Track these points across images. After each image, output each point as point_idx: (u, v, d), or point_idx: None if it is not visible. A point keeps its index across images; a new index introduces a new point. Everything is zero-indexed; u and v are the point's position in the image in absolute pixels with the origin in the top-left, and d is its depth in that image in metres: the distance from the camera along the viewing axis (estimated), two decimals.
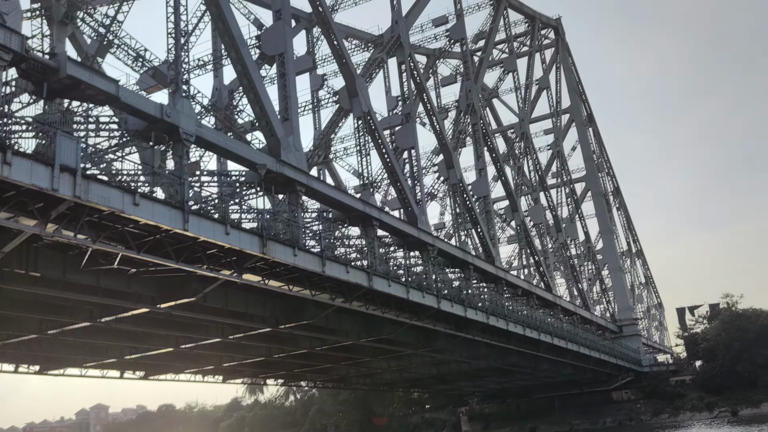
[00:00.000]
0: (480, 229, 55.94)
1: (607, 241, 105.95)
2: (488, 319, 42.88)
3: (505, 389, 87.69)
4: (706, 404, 75.64)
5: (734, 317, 79.01)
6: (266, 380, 54.74)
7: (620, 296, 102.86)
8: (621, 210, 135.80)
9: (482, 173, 61.44)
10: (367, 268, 30.47)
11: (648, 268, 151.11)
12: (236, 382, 51.03)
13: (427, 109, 53.42)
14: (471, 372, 62.54)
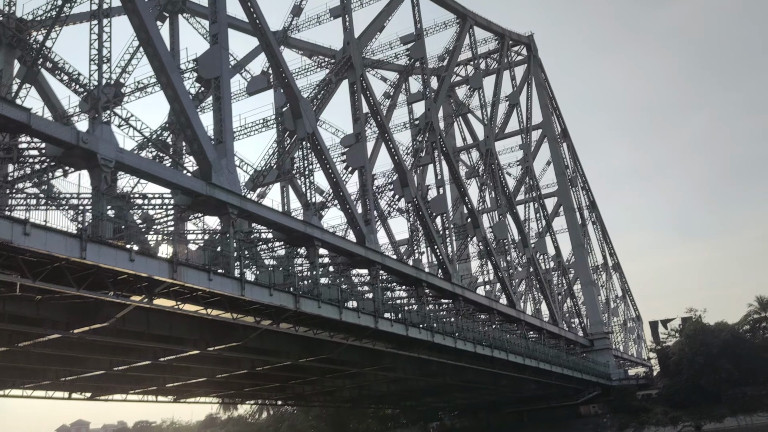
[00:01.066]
0: (437, 247, 56.50)
1: (579, 256, 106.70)
2: (433, 337, 43.21)
3: (475, 404, 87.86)
4: (671, 419, 76.03)
5: (698, 331, 79.68)
6: (225, 399, 54.50)
7: (591, 310, 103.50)
8: (597, 224, 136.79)
9: (441, 191, 62.04)
10: (295, 290, 30.78)
11: (625, 281, 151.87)
12: (190, 401, 50.97)
13: (381, 128, 54.05)
14: (429, 389, 62.77)
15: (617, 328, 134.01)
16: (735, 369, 75.10)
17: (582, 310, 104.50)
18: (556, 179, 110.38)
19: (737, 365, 75.22)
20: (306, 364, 38.92)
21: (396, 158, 54.02)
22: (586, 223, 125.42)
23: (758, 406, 73.72)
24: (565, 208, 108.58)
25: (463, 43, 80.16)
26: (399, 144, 63.95)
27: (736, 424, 72.39)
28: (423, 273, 51.88)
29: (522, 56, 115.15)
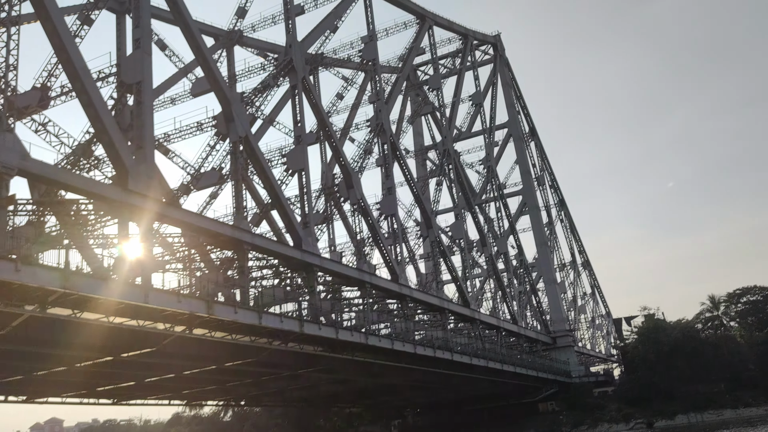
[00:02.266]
0: (383, 248, 56.84)
1: (543, 254, 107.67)
2: (367, 339, 43.63)
3: (436, 402, 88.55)
4: (624, 416, 77.08)
5: (651, 329, 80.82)
6: (165, 399, 54.41)
7: (554, 308, 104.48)
8: (565, 222, 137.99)
9: (390, 192, 62.36)
10: (207, 296, 31.02)
11: (595, 278, 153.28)
12: (135, 402, 51.00)
13: (325, 130, 54.29)
14: (381, 388, 63.21)
15: (584, 325, 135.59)
16: (687, 367, 76.33)
17: (545, 308, 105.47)
18: (521, 178, 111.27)
19: (689, 363, 76.41)
20: (234, 368, 39.11)
21: (341, 160, 54.30)
22: (553, 222, 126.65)
23: (709, 404, 74.92)
24: (530, 206, 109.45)
25: (420, 44, 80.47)
26: (359, 145, 64.44)
27: (687, 421, 73.49)
28: (366, 274, 52.11)
29: (489, 56, 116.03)
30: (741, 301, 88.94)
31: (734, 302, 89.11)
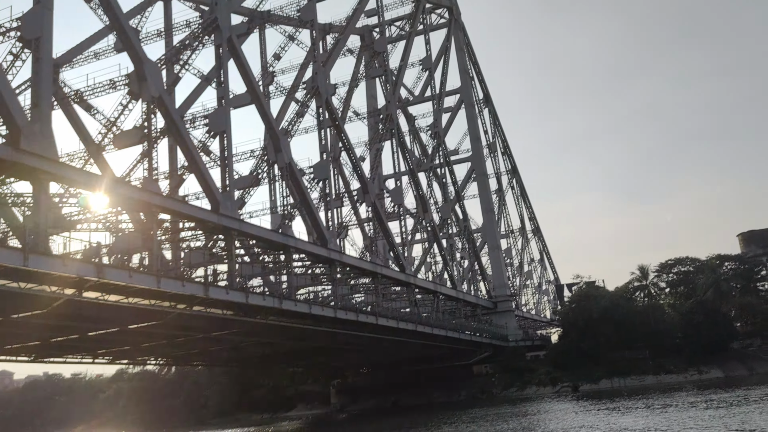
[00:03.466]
0: (312, 213, 56.87)
1: (488, 221, 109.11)
2: (281, 304, 44.05)
3: (375, 363, 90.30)
4: (551, 379, 79.85)
5: (582, 297, 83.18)
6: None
7: (497, 274, 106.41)
8: (517, 189, 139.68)
9: (325, 156, 62.11)
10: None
11: (545, 244, 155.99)
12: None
13: (254, 93, 53.48)
14: (308, 351, 64.11)
15: (530, 290, 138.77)
16: (614, 333, 79.01)
17: (488, 274, 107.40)
18: (471, 145, 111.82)
19: (616, 330, 79.08)
20: (144, 330, 39.21)
21: (268, 123, 53.76)
22: (504, 189, 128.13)
23: (632, 369, 78.01)
24: (478, 173, 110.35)
25: (366, 5, 79.19)
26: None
27: (610, 386, 76.34)
28: (291, 239, 52.23)
29: (445, 19, 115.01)
30: (673, 271, 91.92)
31: (666, 272, 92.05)
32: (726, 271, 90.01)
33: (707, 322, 76.13)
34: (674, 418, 33.45)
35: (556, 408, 53.70)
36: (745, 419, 28.64)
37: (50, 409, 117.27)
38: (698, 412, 35.51)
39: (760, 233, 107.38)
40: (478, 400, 79.68)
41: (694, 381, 73.21)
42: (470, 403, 76.45)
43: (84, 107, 50.59)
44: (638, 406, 45.01)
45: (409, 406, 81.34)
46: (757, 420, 28.06)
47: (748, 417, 29.45)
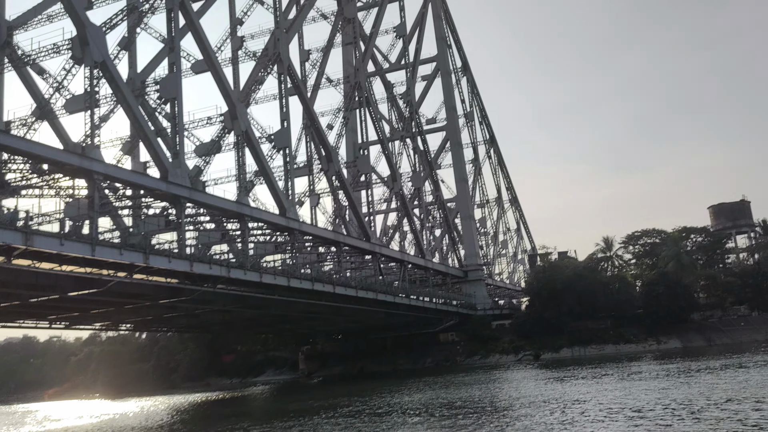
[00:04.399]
0: (272, 181, 56.63)
1: (461, 190, 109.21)
2: (229, 272, 44.14)
3: (344, 330, 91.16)
4: (514, 347, 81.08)
5: (548, 267, 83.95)
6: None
7: (468, 243, 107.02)
8: (494, 159, 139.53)
9: (285, 124, 61.63)
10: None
11: (522, 214, 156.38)
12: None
13: (208, 59, 52.69)
14: (265, 319, 64.47)
15: (505, 260, 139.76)
16: (577, 304, 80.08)
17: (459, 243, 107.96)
18: (446, 114, 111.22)
19: (579, 300, 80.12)
20: (86, 297, 39.18)
21: (224, 89, 53.10)
22: (479, 159, 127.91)
23: (593, 339, 79.31)
24: (452, 143, 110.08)
25: None
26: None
27: (570, 354, 77.69)
28: (246, 207, 52.10)
29: None
30: (639, 242, 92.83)
31: (633, 243, 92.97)
32: (692, 244, 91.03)
33: (668, 293, 77.17)
34: (609, 387, 34.06)
35: (509, 377, 54.49)
36: (666, 393, 29.27)
37: (25, 372, 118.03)
38: (631, 383, 36.16)
39: (729, 206, 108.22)
40: (442, 368, 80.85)
41: (652, 351, 74.58)
42: (434, 371, 77.61)
43: (36, 71, 49.77)
44: (586, 375, 45.84)
45: (375, 373, 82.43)
46: (674, 394, 28.64)
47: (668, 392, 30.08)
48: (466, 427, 22.60)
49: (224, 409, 48.43)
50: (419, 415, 28.20)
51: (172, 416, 43.92)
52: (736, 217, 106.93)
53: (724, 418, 19.98)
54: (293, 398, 54.14)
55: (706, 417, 20.74)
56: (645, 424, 19.88)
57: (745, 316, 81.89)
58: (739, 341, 75.69)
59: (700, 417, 20.80)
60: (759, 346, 66.14)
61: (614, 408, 24.62)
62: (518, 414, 25.63)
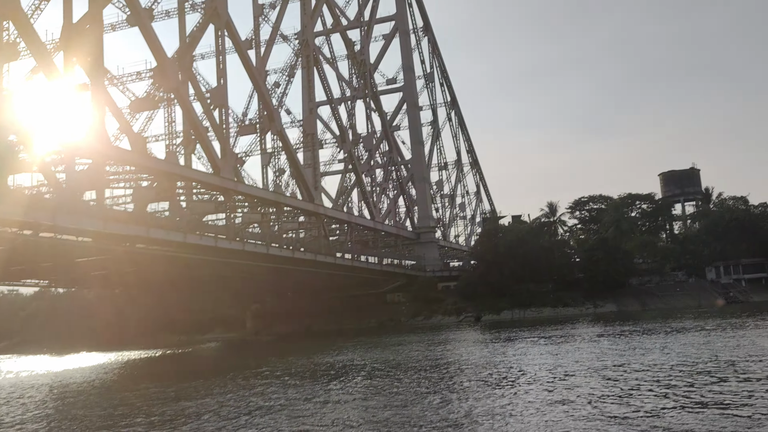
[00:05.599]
0: (204, 141, 55.98)
1: (416, 152, 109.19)
2: (148, 232, 43.92)
3: (293, 290, 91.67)
4: (457, 309, 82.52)
5: (492, 231, 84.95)
6: None
7: (422, 205, 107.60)
8: (455, 122, 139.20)
9: (222, 81, 60.59)
10: None
11: (482, 177, 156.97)
12: None
13: (136, 15, 51.28)
14: (197, 278, 64.63)
15: (463, 222, 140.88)
16: (519, 267, 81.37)
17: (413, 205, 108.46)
18: (404, 74, 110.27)
19: (522, 264, 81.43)
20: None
21: (154, 46, 51.88)
22: (438, 121, 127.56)
23: (533, 302, 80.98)
24: (409, 104, 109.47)
25: None
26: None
27: (510, 317, 79.31)
28: (176, 166, 51.64)
29: None
30: (585, 208, 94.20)
31: (579, 209, 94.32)
32: (637, 210, 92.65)
33: (606, 259, 78.88)
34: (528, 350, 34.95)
35: (446, 339, 55.39)
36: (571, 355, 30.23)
37: None
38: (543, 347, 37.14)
39: (679, 174, 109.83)
40: (385, 328, 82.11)
41: (589, 314, 76.53)
42: (377, 330, 78.89)
43: None
44: (512, 336, 46.90)
45: (321, 332, 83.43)
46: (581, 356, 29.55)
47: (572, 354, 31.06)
48: (393, 387, 22.97)
49: (171, 365, 48.06)
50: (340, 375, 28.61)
51: (116, 373, 43.76)
52: (684, 185, 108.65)
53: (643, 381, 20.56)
54: (239, 356, 54.12)
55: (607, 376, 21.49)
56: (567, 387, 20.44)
57: (681, 282, 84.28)
58: (672, 306, 78.11)
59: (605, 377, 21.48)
60: (690, 312, 68.32)
61: (530, 370, 25.02)
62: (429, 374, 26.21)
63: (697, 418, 13.94)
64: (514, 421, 14.64)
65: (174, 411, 20.05)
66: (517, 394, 18.98)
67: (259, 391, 23.78)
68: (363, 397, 20.43)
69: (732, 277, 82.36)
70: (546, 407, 16.13)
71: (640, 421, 13.90)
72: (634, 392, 17.85)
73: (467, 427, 14.69)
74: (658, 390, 18.03)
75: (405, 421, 15.79)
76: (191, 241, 47.91)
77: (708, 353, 26.50)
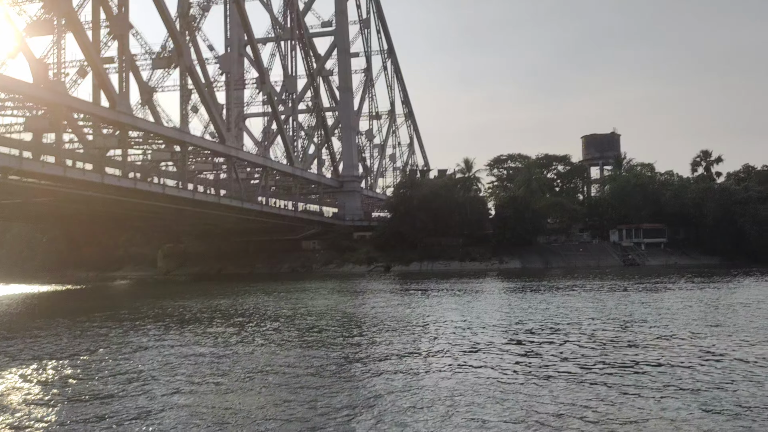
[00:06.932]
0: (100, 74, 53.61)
1: (344, 100, 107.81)
2: (21, 164, 42.19)
3: (206, 232, 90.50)
4: (368, 259, 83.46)
5: (408, 184, 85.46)
6: None
7: (347, 154, 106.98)
8: (391, 70, 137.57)
9: (123, 9, 57.56)
10: None
11: (416, 129, 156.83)
12: None
13: None
14: (101, 216, 63.10)
15: (393, 174, 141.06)
16: (431, 221, 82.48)
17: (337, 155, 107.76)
18: (335, 18, 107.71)
19: (434, 218, 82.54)
20: None
21: None
22: (372, 69, 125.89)
23: (442, 255, 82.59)
24: (339, 49, 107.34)
25: None
26: None
27: (419, 268, 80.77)
28: (66, 97, 49.38)
29: None
30: (504, 166, 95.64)
31: (498, 167, 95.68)
32: (553, 171, 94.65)
33: (515, 216, 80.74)
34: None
35: (345, 288, 55.82)
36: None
37: None
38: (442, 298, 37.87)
39: (600, 138, 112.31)
40: (297, 274, 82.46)
41: (494, 269, 78.68)
42: (289, 276, 79.14)
43: None
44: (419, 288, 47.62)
45: (233, 275, 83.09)
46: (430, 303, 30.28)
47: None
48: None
49: (77, 302, 46.47)
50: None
51: (16, 306, 42.13)
52: (604, 149, 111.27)
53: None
54: (146, 294, 52.81)
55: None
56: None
57: (585, 243, 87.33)
58: (573, 265, 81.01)
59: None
60: (587, 272, 70.98)
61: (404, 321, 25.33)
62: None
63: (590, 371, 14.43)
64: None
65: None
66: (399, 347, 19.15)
67: (120, 333, 23.24)
68: (224, 343, 20.19)
69: (633, 241, 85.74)
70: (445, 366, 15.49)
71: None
72: (533, 349, 17.82)
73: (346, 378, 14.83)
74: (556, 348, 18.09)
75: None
76: (74, 176, 46.26)
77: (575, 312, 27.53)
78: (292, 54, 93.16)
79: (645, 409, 11.03)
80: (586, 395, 12.03)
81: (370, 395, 12.42)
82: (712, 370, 14.25)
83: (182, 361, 16.73)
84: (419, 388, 12.89)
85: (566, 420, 10.42)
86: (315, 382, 13.72)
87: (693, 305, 29.36)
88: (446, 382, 13.40)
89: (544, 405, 11.26)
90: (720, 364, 14.94)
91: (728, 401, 11.50)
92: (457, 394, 12.20)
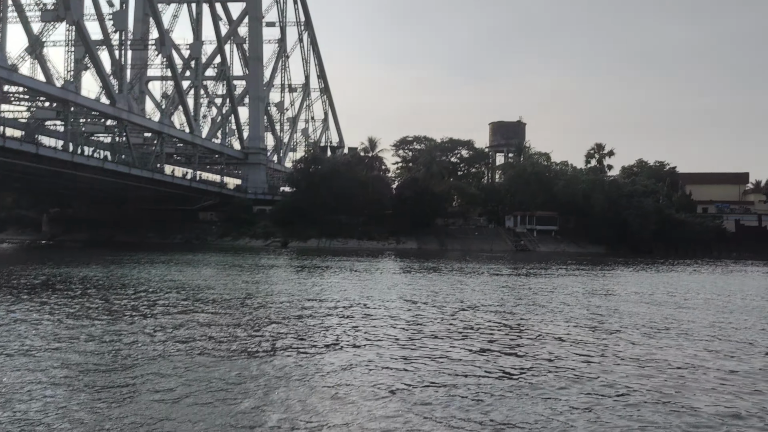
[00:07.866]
0: None
1: (254, 69, 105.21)
2: None
3: (98, 197, 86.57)
4: (265, 233, 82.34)
5: (310, 160, 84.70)
6: None
7: (253, 125, 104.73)
8: (307, 42, 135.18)
9: None
10: None
11: (332, 105, 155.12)
12: None
13: None
14: None
15: (303, 148, 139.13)
16: (332, 198, 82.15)
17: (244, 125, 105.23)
18: None
19: (335, 195, 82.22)
20: None
21: None
22: (286, 40, 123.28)
23: (341, 232, 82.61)
24: (250, 17, 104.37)
25: None
26: None
27: (317, 245, 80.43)
28: None
29: None
30: (410, 147, 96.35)
31: (404, 147, 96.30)
32: (456, 155, 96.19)
33: (414, 198, 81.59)
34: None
35: (232, 262, 54.58)
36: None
37: None
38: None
39: (506, 125, 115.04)
40: (190, 245, 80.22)
41: (391, 249, 79.39)
42: (181, 247, 76.79)
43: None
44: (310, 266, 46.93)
45: (121, 243, 79.89)
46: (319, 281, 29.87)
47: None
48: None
49: None
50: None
51: None
52: (509, 136, 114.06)
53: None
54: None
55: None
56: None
57: (481, 227, 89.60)
58: (468, 248, 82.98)
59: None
60: (480, 255, 72.76)
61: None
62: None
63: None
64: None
65: None
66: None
67: None
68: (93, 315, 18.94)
69: (526, 227, 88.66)
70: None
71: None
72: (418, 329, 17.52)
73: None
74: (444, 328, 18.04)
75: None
76: None
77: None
78: (200, 18, 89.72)
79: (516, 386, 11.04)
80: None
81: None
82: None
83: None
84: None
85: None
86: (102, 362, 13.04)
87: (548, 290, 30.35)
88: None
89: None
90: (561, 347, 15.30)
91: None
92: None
